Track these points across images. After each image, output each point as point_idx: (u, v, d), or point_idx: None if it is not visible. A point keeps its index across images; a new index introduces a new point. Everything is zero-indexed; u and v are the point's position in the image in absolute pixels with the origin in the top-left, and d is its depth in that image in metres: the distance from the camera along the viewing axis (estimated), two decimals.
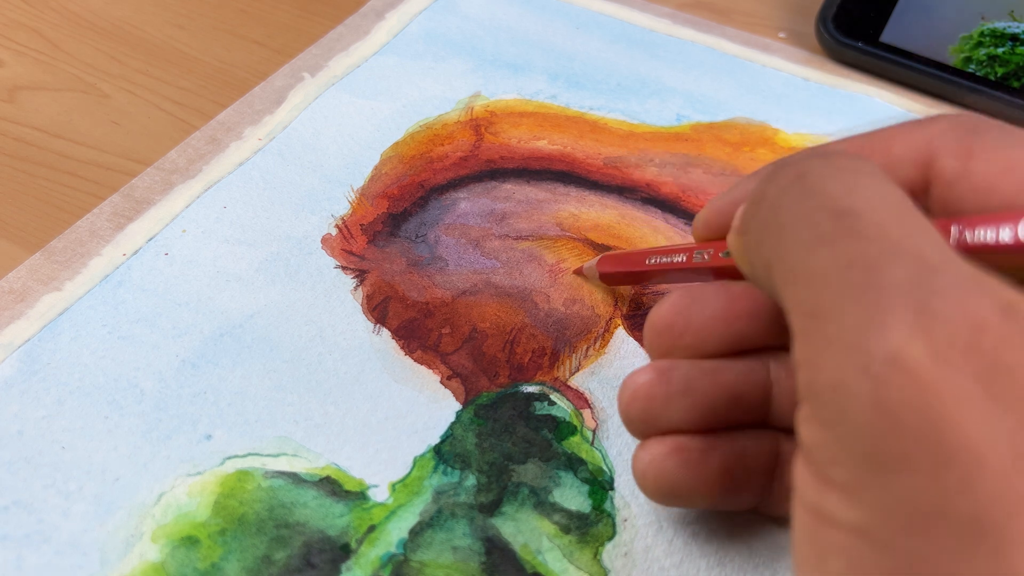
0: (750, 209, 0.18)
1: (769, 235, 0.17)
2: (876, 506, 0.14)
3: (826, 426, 0.15)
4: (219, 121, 0.32)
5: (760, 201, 0.17)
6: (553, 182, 0.31)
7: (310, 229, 0.29)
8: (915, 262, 0.14)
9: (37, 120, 0.32)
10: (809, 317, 0.15)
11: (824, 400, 0.15)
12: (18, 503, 0.22)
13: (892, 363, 0.14)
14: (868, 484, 0.14)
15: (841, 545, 0.14)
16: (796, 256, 0.16)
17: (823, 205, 0.16)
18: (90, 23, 0.37)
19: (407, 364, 0.25)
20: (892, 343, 0.14)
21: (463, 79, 0.35)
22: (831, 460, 0.15)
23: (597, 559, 0.22)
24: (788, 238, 0.16)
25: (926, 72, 0.35)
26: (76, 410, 0.24)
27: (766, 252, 0.17)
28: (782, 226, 0.16)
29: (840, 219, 0.15)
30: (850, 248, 0.15)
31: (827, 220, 0.15)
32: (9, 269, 0.27)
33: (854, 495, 0.14)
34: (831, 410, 0.14)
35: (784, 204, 0.17)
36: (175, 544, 0.21)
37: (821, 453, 0.15)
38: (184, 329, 0.26)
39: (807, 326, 0.15)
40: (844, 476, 0.14)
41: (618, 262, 0.26)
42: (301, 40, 0.36)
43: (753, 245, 0.17)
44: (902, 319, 0.14)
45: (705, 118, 0.34)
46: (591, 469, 0.23)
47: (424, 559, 0.21)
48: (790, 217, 0.16)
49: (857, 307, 0.14)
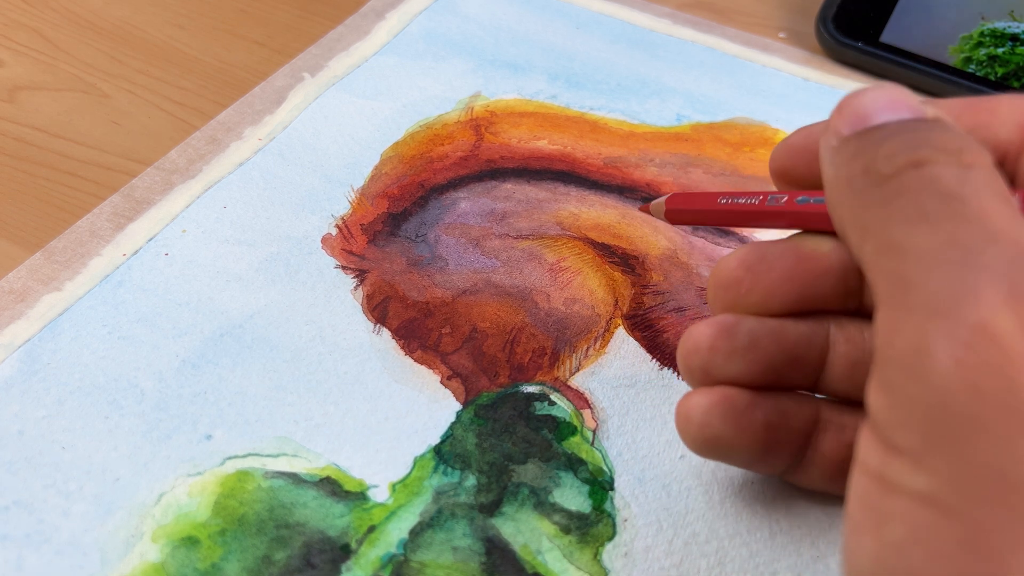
0: (859, 174, 0.18)
1: (873, 206, 0.17)
2: (945, 473, 0.14)
3: (898, 390, 0.15)
4: (219, 121, 0.32)
5: (869, 172, 0.17)
6: (553, 182, 0.31)
7: (310, 229, 0.29)
8: (1012, 247, 0.15)
9: (37, 120, 0.32)
10: (900, 286, 0.15)
11: (902, 363, 0.15)
12: (18, 503, 0.22)
13: (980, 330, 0.14)
14: (937, 451, 0.14)
15: (903, 512, 0.14)
16: (898, 229, 0.16)
17: (934, 188, 0.16)
18: (90, 23, 0.37)
19: (407, 364, 0.25)
20: (982, 313, 0.14)
21: (463, 79, 0.35)
22: (899, 424, 0.15)
23: (597, 559, 0.22)
24: (894, 212, 0.16)
25: (926, 72, 0.35)
26: (76, 410, 0.24)
27: (866, 220, 0.17)
28: (889, 202, 0.16)
29: (947, 201, 0.16)
30: (953, 228, 0.15)
31: (935, 201, 0.16)
32: (9, 269, 0.27)
33: (922, 461, 0.14)
34: (908, 373, 0.15)
35: (895, 185, 0.17)
36: (175, 544, 0.21)
37: (889, 417, 0.15)
38: (184, 329, 0.26)
39: (896, 293, 0.15)
40: (912, 441, 0.14)
41: (689, 200, 0.25)
42: (301, 40, 0.36)
43: (856, 204, 0.17)
44: (995, 294, 0.14)
45: (705, 118, 0.34)
46: (591, 469, 0.23)
47: (424, 559, 0.21)
48: (898, 194, 0.16)
49: (951, 279, 0.15)
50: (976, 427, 0.13)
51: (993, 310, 0.14)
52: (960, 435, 0.14)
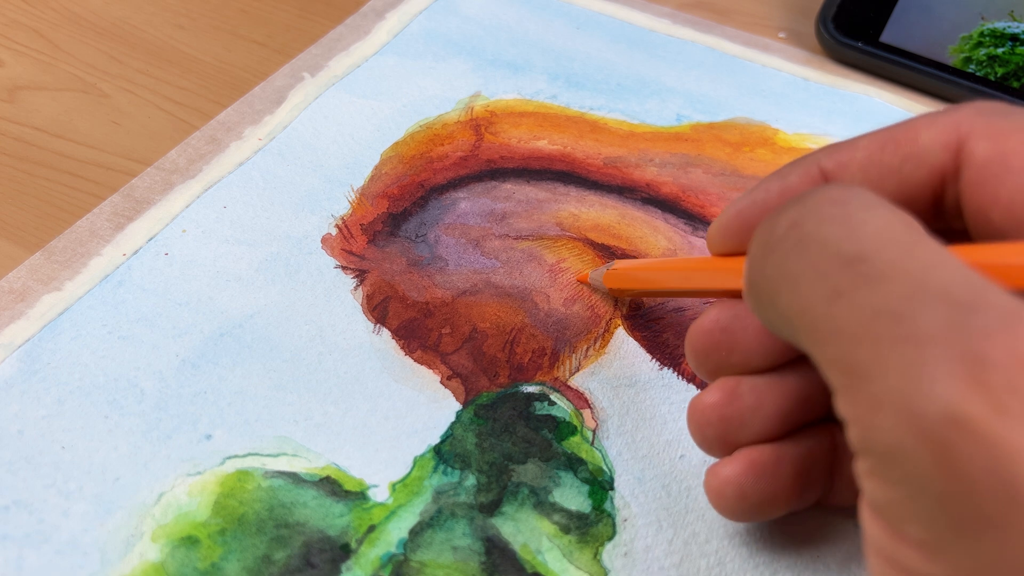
0: (753, 266, 0.17)
1: (781, 293, 0.16)
2: (960, 566, 0.13)
3: (894, 485, 0.14)
4: (219, 121, 0.32)
5: (762, 256, 0.17)
6: (553, 182, 0.31)
7: (310, 229, 0.29)
8: (944, 302, 0.13)
9: (37, 120, 0.32)
10: (848, 375, 0.14)
11: (887, 462, 0.14)
12: (18, 503, 0.22)
13: (952, 423, 0.13)
14: (949, 544, 0.13)
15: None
16: (816, 312, 0.15)
17: (828, 254, 0.15)
18: (90, 23, 0.37)
19: (407, 364, 0.25)
20: (946, 400, 0.13)
21: (463, 79, 0.35)
22: (904, 518, 0.14)
23: (597, 559, 0.22)
24: (803, 294, 0.15)
25: (926, 72, 0.35)
26: (76, 410, 0.24)
27: (782, 310, 0.16)
28: (793, 282, 0.16)
29: (850, 267, 0.15)
30: (870, 297, 0.14)
31: (837, 270, 0.15)
32: (9, 269, 0.27)
33: (935, 553, 0.14)
34: (896, 472, 0.14)
35: (787, 258, 0.16)
36: (175, 544, 0.21)
37: (893, 510, 0.14)
38: (184, 329, 0.26)
39: (848, 384, 0.14)
40: (921, 534, 0.14)
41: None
42: (301, 40, 0.36)
43: (767, 303, 0.17)
44: (950, 371, 0.13)
45: (705, 118, 0.34)
46: (591, 469, 0.23)
47: (424, 559, 0.21)
48: (798, 272, 0.15)
49: (898, 362, 0.13)
50: (981, 523, 0.13)
51: (956, 392, 0.13)
52: (967, 531, 0.13)
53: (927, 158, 0.18)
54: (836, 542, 0.22)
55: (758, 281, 0.17)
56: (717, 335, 0.20)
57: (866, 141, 0.19)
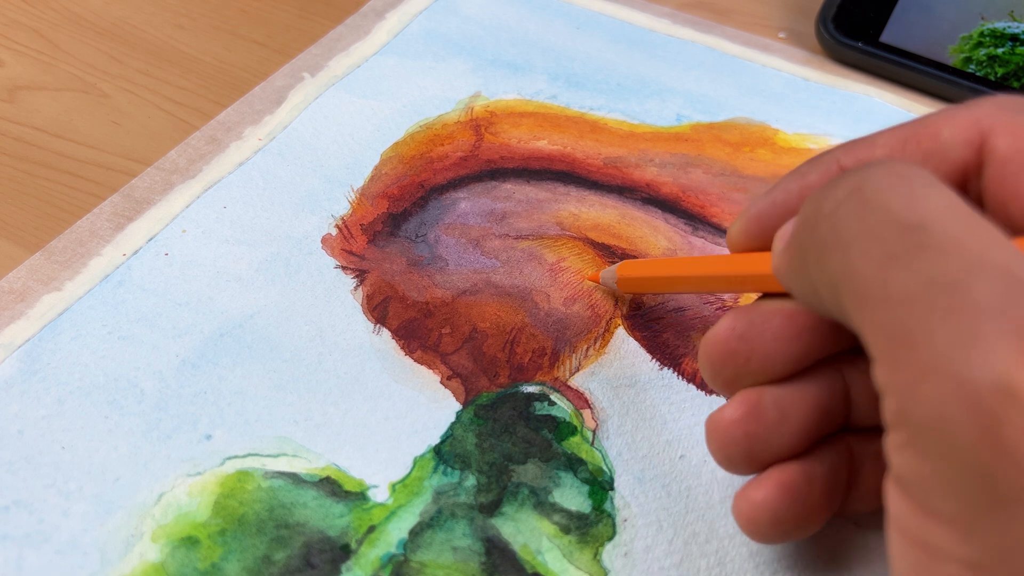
0: (803, 227, 0.17)
1: (832, 254, 0.16)
2: (993, 544, 0.13)
3: (929, 458, 0.14)
4: (219, 121, 0.32)
5: (815, 218, 0.16)
6: (553, 182, 0.31)
7: (310, 229, 0.29)
8: (1002, 277, 0.13)
9: (37, 120, 0.32)
10: (895, 342, 0.14)
11: (926, 433, 0.14)
12: (18, 503, 0.22)
13: (1003, 393, 0.13)
14: (983, 520, 0.13)
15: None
16: (868, 276, 0.15)
17: (888, 219, 0.15)
18: (90, 23, 0.37)
19: (407, 364, 0.25)
20: (999, 371, 0.13)
21: (463, 79, 0.35)
22: (937, 493, 0.14)
23: (597, 559, 0.22)
24: (855, 257, 0.15)
25: (926, 72, 0.35)
26: (76, 410, 0.24)
27: (831, 272, 0.16)
28: (846, 244, 0.15)
29: (910, 234, 0.14)
30: (928, 265, 0.14)
31: (896, 236, 0.15)
32: (9, 269, 0.27)
33: (967, 530, 0.13)
34: (935, 443, 0.14)
35: (844, 220, 0.16)
36: (175, 544, 0.21)
37: (925, 485, 0.14)
38: (184, 329, 0.26)
39: (894, 352, 0.14)
40: (954, 510, 0.14)
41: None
42: (301, 40, 0.36)
43: (813, 264, 0.16)
44: (1005, 343, 0.13)
45: (705, 118, 0.34)
46: (591, 469, 0.23)
47: (424, 559, 0.21)
48: (854, 234, 0.15)
49: (950, 330, 0.13)
50: (1020, 499, 0.13)
51: (1009, 363, 0.13)
52: (1004, 506, 0.13)
53: (949, 154, 0.18)
54: (836, 542, 0.22)
55: (806, 243, 0.17)
56: (734, 343, 0.19)
57: (886, 138, 0.19)
